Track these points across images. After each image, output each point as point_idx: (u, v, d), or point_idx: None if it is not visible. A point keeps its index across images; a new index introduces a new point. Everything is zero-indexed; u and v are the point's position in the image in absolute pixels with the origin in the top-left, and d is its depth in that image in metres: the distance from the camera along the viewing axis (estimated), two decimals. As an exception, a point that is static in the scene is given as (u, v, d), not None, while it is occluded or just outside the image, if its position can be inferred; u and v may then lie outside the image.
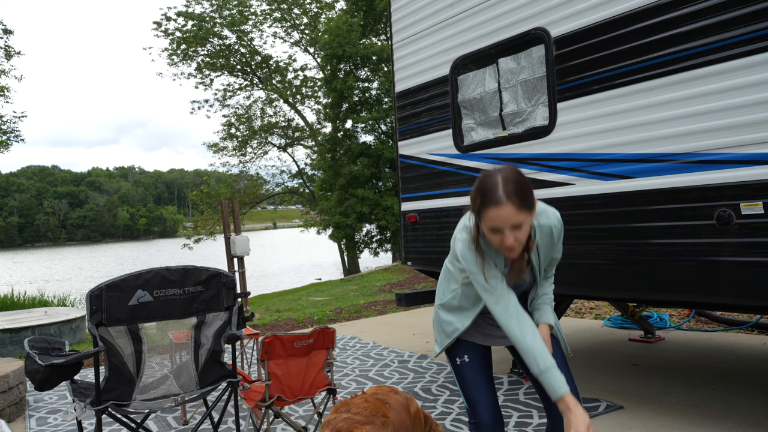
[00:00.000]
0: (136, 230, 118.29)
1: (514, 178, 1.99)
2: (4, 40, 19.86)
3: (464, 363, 2.35)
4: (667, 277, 3.43)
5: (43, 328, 7.57)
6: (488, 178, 2.02)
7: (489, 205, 1.96)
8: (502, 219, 1.95)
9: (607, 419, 3.76)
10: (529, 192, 2.00)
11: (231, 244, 9.31)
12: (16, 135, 20.60)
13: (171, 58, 26.61)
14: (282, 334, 3.27)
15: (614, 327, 6.52)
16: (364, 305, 9.64)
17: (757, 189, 3.00)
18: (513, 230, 1.98)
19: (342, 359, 5.81)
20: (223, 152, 28.35)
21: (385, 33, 21.68)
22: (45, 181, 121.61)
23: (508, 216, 1.94)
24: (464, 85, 4.62)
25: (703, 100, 3.20)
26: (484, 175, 2.05)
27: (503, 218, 1.95)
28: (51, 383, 2.71)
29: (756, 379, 4.37)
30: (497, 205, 1.94)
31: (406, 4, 5.19)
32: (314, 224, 25.08)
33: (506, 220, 1.95)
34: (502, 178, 1.98)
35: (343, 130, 20.92)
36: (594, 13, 3.68)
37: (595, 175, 3.74)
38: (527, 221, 2.00)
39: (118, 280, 2.79)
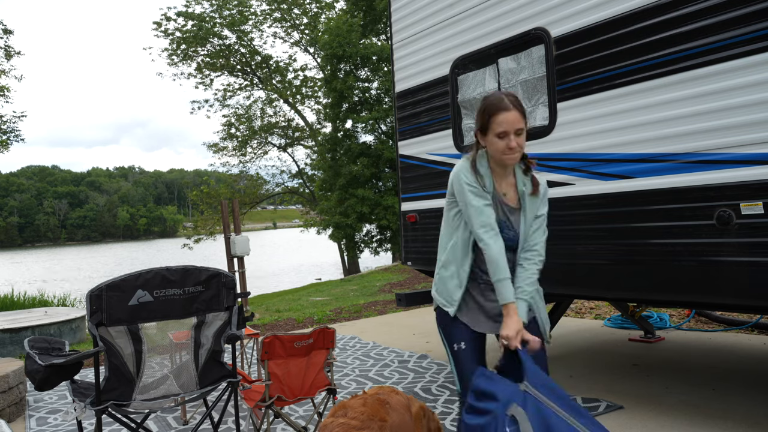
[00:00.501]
0: (136, 230, 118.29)
1: (513, 94, 2.42)
2: (4, 40, 19.88)
3: (461, 350, 2.54)
4: (667, 277, 3.43)
5: (43, 328, 7.57)
6: (492, 95, 2.43)
7: (499, 111, 2.35)
8: (510, 122, 2.34)
9: (607, 419, 3.76)
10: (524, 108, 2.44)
11: (231, 244, 9.31)
12: (16, 135, 20.60)
13: (171, 58, 26.62)
14: (282, 334, 3.27)
15: (614, 327, 6.52)
16: (364, 305, 9.64)
17: (757, 189, 3.00)
18: (516, 135, 2.36)
19: (342, 359, 5.81)
20: (223, 152, 28.36)
21: (385, 33, 21.68)
22: (45, 181, 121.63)
23: (515, 120, 2.34)
24: (464, 85, 4.62)
25: (703, 100, 3.20)
26: (486, 96, 2.46)
27: (510, 121, 2.34)
28: (51, 383, 2.71)
29: (756, 379, 4.37)
30: (507, 110, 2.34)
31: (406, 4, 5.19)
32: (314, 224, 25.08)
33: (512, 124, 2.34)
34: (505, 94, 2.41)
35: (343, 130, 20.92)
36: (594, 13, 3.68)
37: (595, 175, 3.74)
38: (524, 131, 2.40)
39: (118, 280, 2.79)
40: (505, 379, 2.27)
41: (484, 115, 2.42)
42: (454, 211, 2.57)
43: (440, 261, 2.61)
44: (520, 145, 2.37)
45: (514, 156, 2.40)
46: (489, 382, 2.26)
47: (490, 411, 2.16)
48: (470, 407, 2.24)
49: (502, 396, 2.16)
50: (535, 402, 2.12)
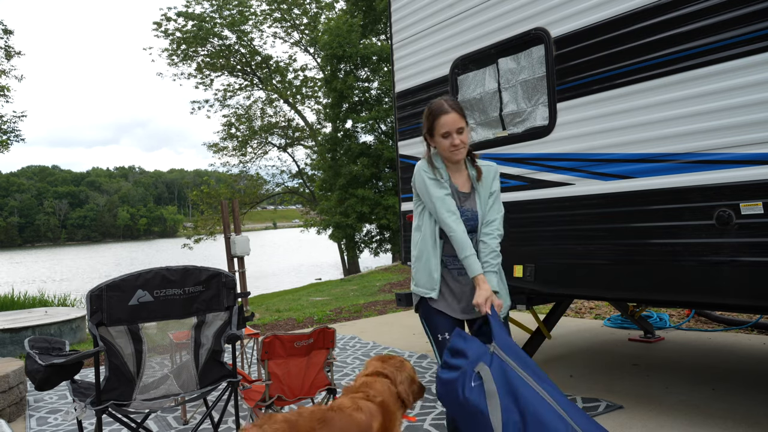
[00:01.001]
0: (136, 230, 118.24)
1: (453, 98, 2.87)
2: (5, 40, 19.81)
3: (444, 340, 2.74)
4: (667, 277, 3.43)
5: (43, 328, 7.57)
6: (434, 102, 2.82)
7: (440, 114, 2.73)
8: (450, 123, 2.71)
9: (607, 419, 3.76)
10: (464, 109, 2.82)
11: (231, 244, 9.31)
12: (17, 135, 20.59)
13: (171, 59, 26.61)
14: (282, 334, 3.27)
15: (614, 327, 6.52)
16: (364, 305, 9.64)
17: (757, 189, 3.00)
18: (458, 133, 2.72)
19: (342, 359, 5.81)
20: (223, 152, 28.36)
21: (385, 33, 21.68)
22: (45, 181, 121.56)
23: (455, 120, 2.71)
24: (464, 85, 4.62)
25: (703, 100, 3.20)
26: (429, 103, 2.84)
27: (451, 122, 2.71)
28: (51, 383, 2.71)
29: (756, 379, 4.38)
30: (447, 113, 2.72)
31: (406, 4, 5.19)
32: (314, 224, 25.08)
33: (453, 124, 2.71)
34: (444, 99, 2.80)
35: (343, 130, 20.92)
36: (594, 14, 3.68)
37: (595, 175, 3.74)
38: (466, 129, 2.76)
39: (119, 280, 2.79)
40: (477, 340, 2.49)
41: (428, 119, 2.80)
42: (420, 209, 2.87)
43: (413, 257, 2.89)
44: (462, 141, 2.74)
45: (459, 152, 2.76)
46: (463, 342, 2.50)
47: (460, 367, 2.40)
48: (445, 363, 2.47)
49: (471, 354, 2.41)
50: (500, 362, 2.34)
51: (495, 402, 2.23)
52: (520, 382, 2.25)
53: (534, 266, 4.16)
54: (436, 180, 2.76)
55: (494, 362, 2.34)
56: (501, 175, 4.31)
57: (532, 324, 5.08)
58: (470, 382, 2.32)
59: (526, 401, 2.19)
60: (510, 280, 4.33)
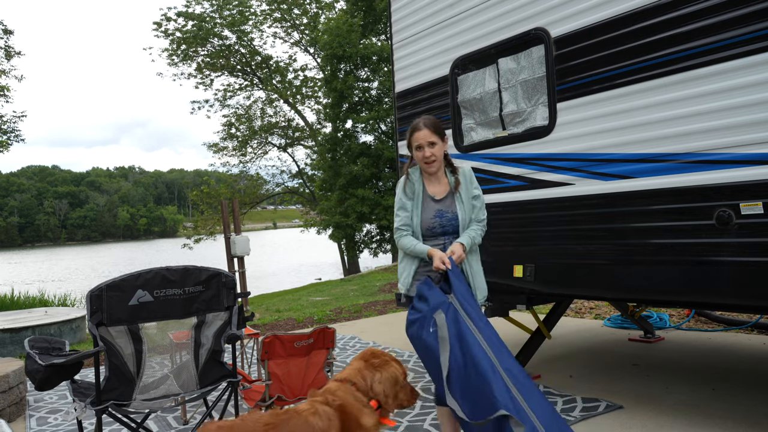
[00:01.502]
0: (137, 230, 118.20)
1: (431, 118, 3.22)
2: (5, 40, 19.82)
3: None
4: (667, 277, 3.43)
5: (43, 328, 7.57)
6: (415, 120, 3.21)
7: (414, 131, 3.15)
8: (422, 138, 3.12)
9: (607, 419, 3.76)
10: (440, 126, 3.18)
11: (231, 244, 9.31)
12: (17, 135, 20.58)
13: (171, 59, 26.61)
14: (282, 334, 3.27)
15: (614, 327, 6.52)
16: (364, 305, 9.64)
17: (757, 189, 3.00)
18: (429, 146, 3.11)
19: (342, 359, 5.81)
20: (223, 152, 28.36)
21: (385, 33, 21.69)
22: (45, 181, 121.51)
23: (426, 135, 3.11)
24: (464, 85, 4.62)
25: (703, 100, 3.20)
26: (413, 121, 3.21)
27: (422, 137, 3.11)
28: (51, 383, 2.71)
29: (756, 379, 4.38)
30: (419, 130, 3.13)
31: (406, 4, 5.19)
32: (314, 224, 25.08)
33: (424, 138, 3.11)
34: (422, 118, 3.21)
35: (343, 130, 20.92)
36: (594, 14, 3.68)
37: (595, 175, 3.74)
38: (439, 143, 3.14)
39: (119, 280, 2.80)
40: (439, 290, 2.94)
41: (408, 135, 3.21)
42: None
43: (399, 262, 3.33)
44: (433, 154, 3.12)
45: (431, 164, 3.15)
46: (427, 290, 2.96)
47: (422, 311, 2.90)
48: (412, 306, 2.98)
49: (432, 302, 2.89)
50: (455, 312, 2.82)
51: (446, 345, 2.74)
52: (467, 331, 2.75)
53: (534, 266, 4.16)
54: (404, 190, 3.24)
55: (450, 311, 2.82)
56: (501, 175, 4.35)
57: (532, 324, 5.08)
58: (429, 327, 2.83)
59: (469, 345, 2.69)
60: (510, 280, 4.34)
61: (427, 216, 3.16)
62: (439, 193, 3.19)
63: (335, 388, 2.45)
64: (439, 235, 3.17)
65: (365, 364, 2.58)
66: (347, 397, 2.41)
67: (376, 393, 2.49)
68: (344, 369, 2.61)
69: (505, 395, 2.48)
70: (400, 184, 3.26)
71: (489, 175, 4.45)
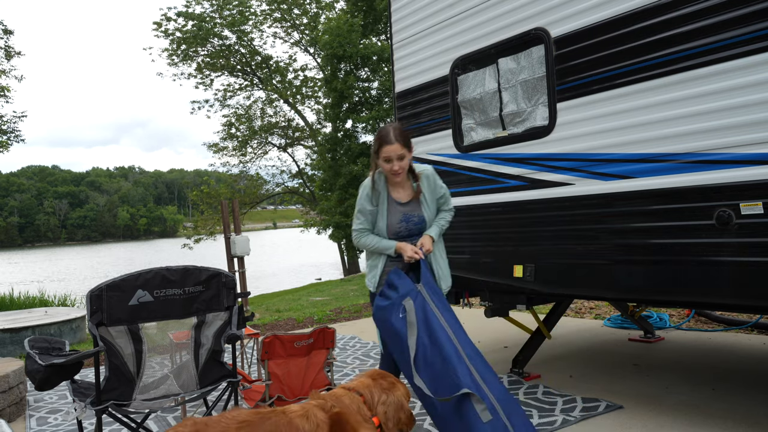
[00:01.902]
0: (137, 230, 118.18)
1: (400, 128, 3.25)
2: (5, 41, 19.80)
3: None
4: (667, 277, 3.43)
5: (43, 328, 7.57)
6: (383, 128, 3.26)
7: (384, 143, 3.18)
8: (392, 151, 3.17)
9: (607, 419, 3.76)
10: (409, 138, 3.27)
11: (231, 244, 9.31)
12: (17, 135, 20.57)
13: (171, 59, 26.59)
14: (282, 334, 3.27)
15: (614, 327, 6.52)
16: (364, 305, 9.64)
17: (757, 189, 3.00)
18: (398, 160, 3.20)
19: (342, 359, 5.81)
20: (223, 152, 28.34)
21: (385, 33, 21.68)
22: (45, 181, 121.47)
23: (396, 149, 3.18)
24: (464, 85, 4.62)
25: (703, 100, 3.20)
26: (380, 128, 3.27)
27: (392, 151, 3.17)
28: (51, 383, 2.71)
29: (756, 379, 4.38)
30: (390, 144, 3.17)
31: (406, 5, 5.19)
32: (314, 224, 25.07)
33: (394, 152, 3.18)
34: (392, 127, 3.24)
35: (343, 130, 20.91)
36: (594, 13, 3.68)
37: (595, 175, 3.74)
38: (407, 155, 3.24)
39: (119, 280, 2.80)
40: (409, 279, 3.15)
41: (376, 142, 3.25)
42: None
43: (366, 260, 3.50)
44: (402, 167, 3.23)
45: (398, 176, 3.27)
46: (397, 278, 3.17)
47: (392, 298, 3.11)
48: (382, 293, 3.19)
49: (401, 290, 3.11)
50: (422, 300, 3.06)
51: (413, 330, 2.96)
52: (434, 318, 2.98)
53: (534, 266, 4.16)
54: (368, 198, 3.35)
55: (418, 299, 3.05)
56: (501, 175, 4.35)
57: (532, 324, 5.08)
58: (398, 313, 3.04)
59: (435, 330, 2.94)
60: (510, 280, 4.34)
61: (394, 220, 3.32)
62: (404, 197, 3.36)
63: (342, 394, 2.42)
64: (405, 237, 3.37)
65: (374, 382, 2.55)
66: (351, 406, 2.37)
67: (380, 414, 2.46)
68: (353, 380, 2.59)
69: (467, 377, 2.78)
70: (366, 190, 3.34)
71: (489, 175, 4.45)
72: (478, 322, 7.20)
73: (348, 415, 2.31)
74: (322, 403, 2.30)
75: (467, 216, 4.62)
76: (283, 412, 2.22)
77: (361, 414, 2.38)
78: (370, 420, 2.39)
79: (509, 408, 2.77)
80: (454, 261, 4.66)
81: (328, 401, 2.32)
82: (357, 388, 2.49)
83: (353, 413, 2.34)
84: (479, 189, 4.54)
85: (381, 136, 3.21)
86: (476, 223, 4.60)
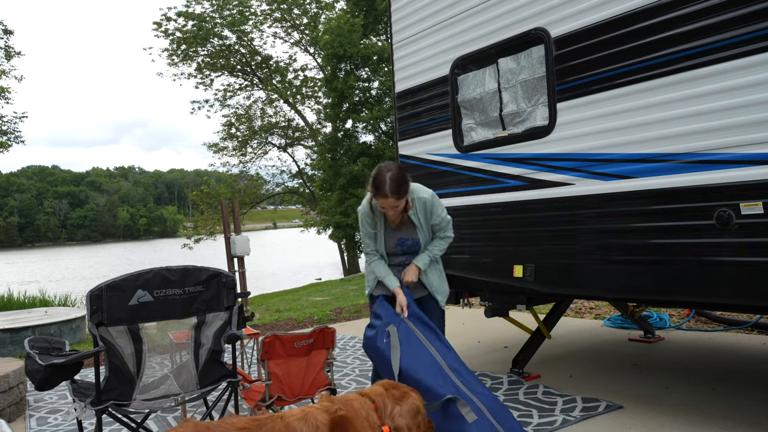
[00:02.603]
0: (137, 230, 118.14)
1: (396, 178, 3.24)
2: (5, 41, 19.82)
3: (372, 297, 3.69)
4: (667, 277, 3.44)
5: (43, 328, 7.57)
6: (380, 174, 3.27)
7: (379, 196, 3.29)
8: (386, 204, 3.30)
9: (607, 419, 3.76)
10: (405, 186, 3.29)
11: (231, 244, 9.31)
12: (17, 136, 20.55)
13: (171, 59, 26.60)
14: (282, 334, 3.27)
15: (614, 327, 6.52)
16: (364, 305, 9.64)
17: (757, 189, 3.00)
18: (392, 208, 3.32)
19: (342, 359, 5.82)
20: (223, 152, 28.35)
21: (385, 33, 21.68)
22: (45, 181, 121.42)
23: (390, 203, 3.28)
24: (464, 85, 4.62)
25: (703, 100, 3.20)
26: (377, 171, 3.30)
27: (387, 203, 3.29)
28: (51, 383, 2.71)
29: (756, 379, 4.38)
30: (384, 197, 3.26)
31: (406, 5, 5.19)
32: (314, 224, 25.07)
33: (388, 205, 3.30)
34: (390, 177, 3.24)
35: (343, 130, 20.91)
36: (594, 14, 3.68)
37: (595, 175, 3.74)
38: (402, 202, 3.33)
39: (118, 280, 2.80)
40: (392, 309, 3.41)
41: (372, 186, 3.30)
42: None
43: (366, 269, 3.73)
44: (396, 212, 3.37)
45: (394, 222, 3.49)
46: (382, 308, 3.43)
47: (376, 326, 3.38)
48: (369, 324, 3.45)
49: (385, 318, 3.37)
50: (406, 326, 3.30)
51: (396, 353, 3.18)
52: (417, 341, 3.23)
53: (534, 266, 4.16)
54: (368, 222, 3.53)
55: (402, 326, 3.30)
56: (501, 175, 4.35)
57: (532, 324, 5.08)
58: (382, 338, 3.29)
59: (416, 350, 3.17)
60: (510, 280, 4.34)
61: (390, 244, 3.56)
62: (398, 225, 3.54)
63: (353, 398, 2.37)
64: (400, 255, 3.59)
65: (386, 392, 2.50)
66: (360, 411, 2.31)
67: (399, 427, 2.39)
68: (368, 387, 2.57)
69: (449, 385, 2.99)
70: (364, 216, 3.53)
71: (489, 175, 4.45)
72: (478, 322, 7.20)
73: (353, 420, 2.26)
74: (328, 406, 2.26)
75: (467, 216, 4.63)
76: (281, 417, 2.19)
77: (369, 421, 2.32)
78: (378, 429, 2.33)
79: (496, 408, 2.95)
80: (455, 261, 4.66)
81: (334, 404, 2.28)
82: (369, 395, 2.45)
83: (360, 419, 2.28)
84: (479, 189, 4.54)
85: (376, 186, 3.27)
86: (476, 223, 4.60)
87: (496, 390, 4.48)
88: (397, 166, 3.35)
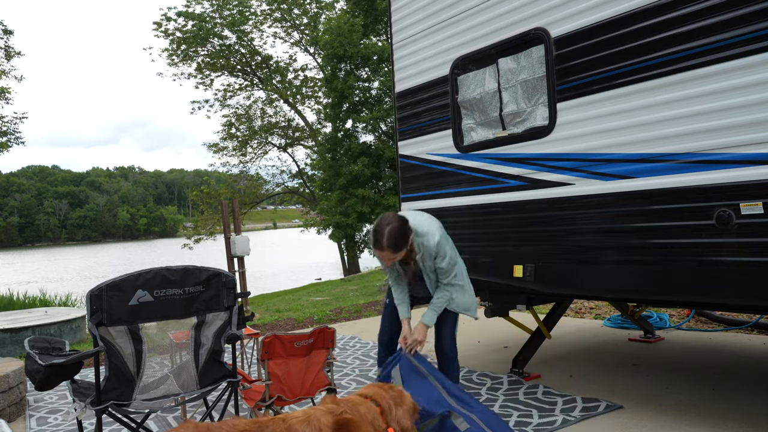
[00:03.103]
0: (137, 230, 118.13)
1: (394, 233, 3.27)
2: (5, 41, 19.81)
3: (387, 304, 3.97)
4: (667, 277, 3.44)
5: (43, 328, 7.57)
6: (380, 227, 3.30)
7: (376, 248, 3.33)
8: (383, 256, 3.35)
9: (607, 419, 3.76)
10: (403, 240, 3.32)
11: (231, 244, 9.31)
12: (17, 137, 20.54)
13: (171, 59, 26.59)
14: (282, 334, 3.27)
15: (614, 327, 6.52)
16: (364, 305, 9.64)
17: (757, 189, 3.00)
18: (390, 260, 3.38)
19: (342, 359, 5.81)
20: (223, 152, 28.34)
21: (385, 33, 21.67)
22: (45, 181, 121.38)
23: (387, 256, 3.33)
24: (464, 85, 4.62)
25: (703, 100, 3.20)
26: (378, 223, 3.33)
27: (383, 256, 3.34)
28: (51, 383, 2.71)
29: (756, 379, 4.38)
30: (381, 250, 3.31)
31: (406, 5, 5.19)
32: (314, 224, 25.06)
33: (385, 257, 3.35)
34: (388, 232, 3.26)
35: (343, 130, 20.91)
36: (594, 14, 3.68)
37: (595, 175, 3.75)
38: (401, 254, 3.35)
39: (119, 280, 2.80)
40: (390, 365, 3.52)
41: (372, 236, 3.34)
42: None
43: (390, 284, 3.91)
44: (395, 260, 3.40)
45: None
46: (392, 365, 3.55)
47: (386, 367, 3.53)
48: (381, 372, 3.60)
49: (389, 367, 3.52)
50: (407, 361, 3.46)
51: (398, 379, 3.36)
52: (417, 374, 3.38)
53: (534, 266, 4.16)
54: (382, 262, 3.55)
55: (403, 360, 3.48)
56: (501, 175, 4.36)
57: (532, 324, 5.08)
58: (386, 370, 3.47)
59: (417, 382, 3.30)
60: (510, 280, 4.34)
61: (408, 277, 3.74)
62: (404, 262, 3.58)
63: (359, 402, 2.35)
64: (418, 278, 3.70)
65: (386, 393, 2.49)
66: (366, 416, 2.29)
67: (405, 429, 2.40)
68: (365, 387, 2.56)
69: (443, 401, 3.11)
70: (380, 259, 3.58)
71: (489, 175, 4.45)
72: (478, 322, 7.20)
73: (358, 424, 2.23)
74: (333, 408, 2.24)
75: (467, 216, 4.63)
76: (283, 419, 2.17)
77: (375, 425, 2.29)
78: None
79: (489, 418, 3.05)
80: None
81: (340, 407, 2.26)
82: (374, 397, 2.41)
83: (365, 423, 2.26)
84: (479, 189, 4.54)
85: (375, 239, 3.31)
86: (476, 223, 4.60)
87: (496, 390, 4.48)
88: (398, 219, 3.34)
